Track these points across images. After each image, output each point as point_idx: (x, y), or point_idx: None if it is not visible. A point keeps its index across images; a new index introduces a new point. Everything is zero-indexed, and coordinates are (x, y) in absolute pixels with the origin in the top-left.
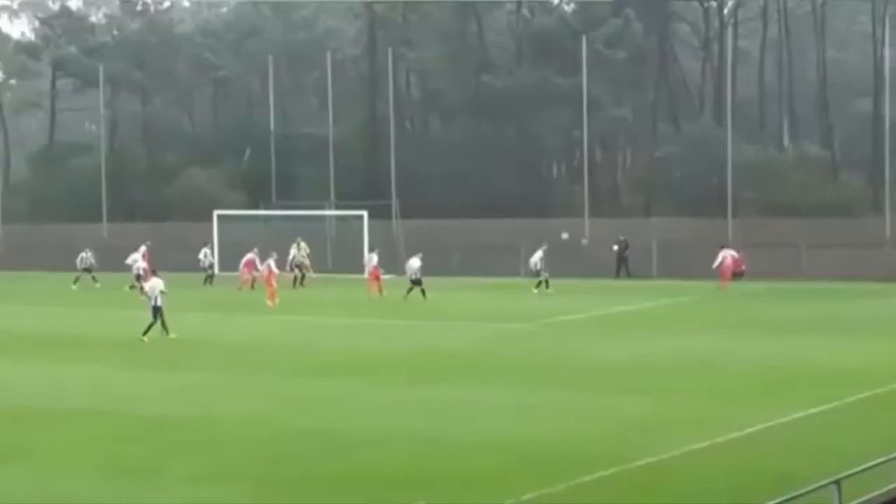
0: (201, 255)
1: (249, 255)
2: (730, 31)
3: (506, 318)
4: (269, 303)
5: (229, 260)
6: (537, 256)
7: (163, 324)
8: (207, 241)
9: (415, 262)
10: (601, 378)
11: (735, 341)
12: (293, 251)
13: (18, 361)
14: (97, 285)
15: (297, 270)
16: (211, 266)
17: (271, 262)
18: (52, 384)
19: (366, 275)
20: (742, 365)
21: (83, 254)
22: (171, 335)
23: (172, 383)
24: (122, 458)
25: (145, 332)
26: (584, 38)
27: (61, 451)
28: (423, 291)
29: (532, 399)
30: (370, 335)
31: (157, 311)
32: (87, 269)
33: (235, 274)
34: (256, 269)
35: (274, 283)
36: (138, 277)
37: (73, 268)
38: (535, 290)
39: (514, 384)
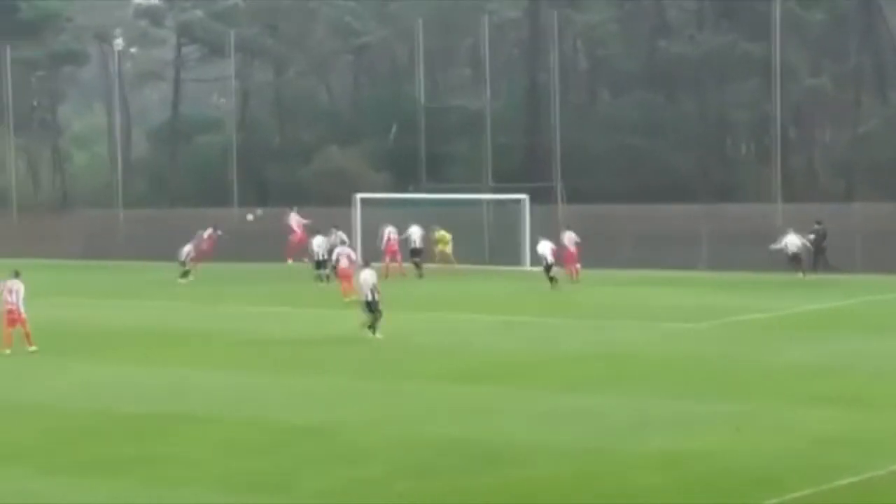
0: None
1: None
2: None
3: (680, 316)
4: (346, 298)
5: (372, 248)
6: (798, 241)
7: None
8: (338, 226)
9: (547, 246)
10: (789, 386)
11: None
12: (415, 233)
13: (132, 363)
14: (181, 280)
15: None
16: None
17: (349, 252)
18: (168, 387)
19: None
20: None
21: (188, 246)
22: (378, 335)
23: (301, 387)
24: (246, 469)
25: (372, 329)
26: None
27: (180, 461)
28: (552, 279)
29: (707, 409)
30: (528, 335)
31: (370, 306)
32: (184, 263)
33: (381, 265)
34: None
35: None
36: (319, 264)
37: (196, 257)
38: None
39: (687, 392)
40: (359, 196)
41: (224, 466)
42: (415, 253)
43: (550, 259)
